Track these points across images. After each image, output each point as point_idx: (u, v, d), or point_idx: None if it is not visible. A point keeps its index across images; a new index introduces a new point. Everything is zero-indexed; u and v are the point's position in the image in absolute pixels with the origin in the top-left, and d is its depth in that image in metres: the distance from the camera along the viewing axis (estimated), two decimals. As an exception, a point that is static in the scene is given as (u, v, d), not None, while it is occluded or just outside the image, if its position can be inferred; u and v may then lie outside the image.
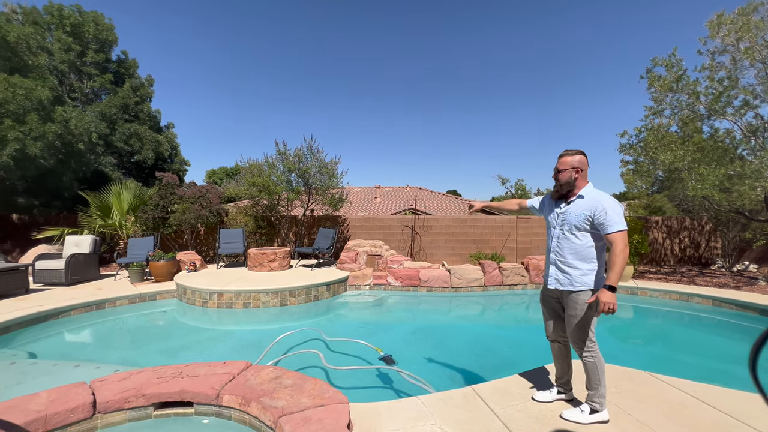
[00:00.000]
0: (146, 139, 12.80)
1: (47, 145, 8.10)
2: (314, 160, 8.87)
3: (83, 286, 6.68)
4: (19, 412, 2.16)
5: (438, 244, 10.02)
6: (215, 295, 5.94)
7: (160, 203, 9.04)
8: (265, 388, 2.50)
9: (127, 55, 13.81)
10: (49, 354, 4.43)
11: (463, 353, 4.79)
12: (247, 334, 5.47)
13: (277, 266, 7.43)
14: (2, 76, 7.76)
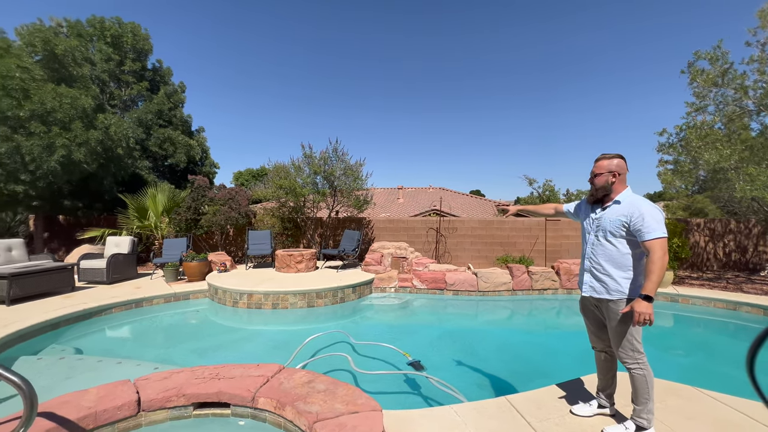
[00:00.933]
0: (179, 144, 13.33)
1: (90, 151, 8.57)
2: (339, 163, 8.95)
3: (122, 285, 7.03)
4: (72, 407, 2.28)
5: (464, 247, 9.87)
6: (245, 295, 6.09)
7: (192, 205, 9.39)
8: (299, 392, 2.52)
9: (161, 63, 14.44)
10: (93, 350, 4.68)
11: (492, 360, 4.69)
12: (275, 334, 5.58)
13: (304, 267, 7.54)
14: (51, 86, 8.29)
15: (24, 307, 5.36)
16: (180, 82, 15.08)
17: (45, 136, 7.87)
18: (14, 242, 7.06)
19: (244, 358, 4.71)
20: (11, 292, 5.43)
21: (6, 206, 8.69)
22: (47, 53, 8.87)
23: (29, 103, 7.78)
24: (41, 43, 8.70)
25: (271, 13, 55.10)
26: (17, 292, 5.52)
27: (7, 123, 7.65)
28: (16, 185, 7.87)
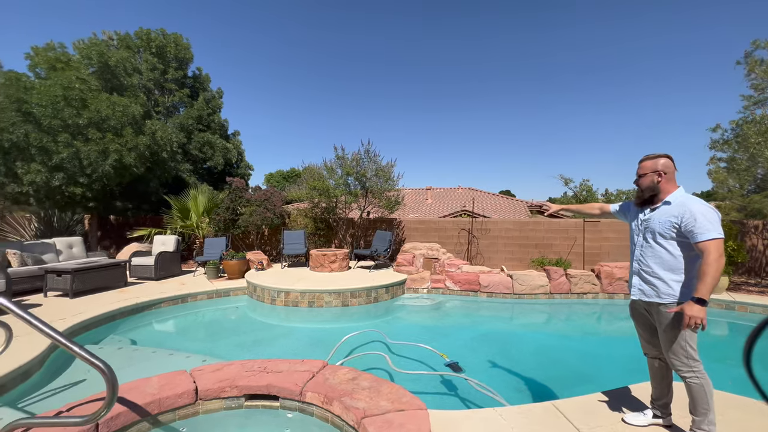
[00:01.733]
0: (217, 147, 13.93)
1: (139, 155, 9.15)
2: (371, 164, 9.04)
3: (168, 281, 7.44)
4: (139, 393, 2.46)
5: (496, 248, 9.68)
6: (282, 293, 6.29)
7: (230, 206, 9.80)
8: (345, 388, 2.59)
9: (201, 70, 15.16)
10: (146, 341, 4.99)
11: (530, 363, 4.59)
12: (312, 331, 5.71)
13: (337, 267, 7.68)
14: (105, 95, 8.93)
15: (85, 300, 5.81)
16: (218, 88, 15.76)
17: (100, 142, 8.48)
18: (74, 240, 7.67)
19: (284, 354, 4.87)
20: (74, 286, 5.90)
21: (66, 207, 9.43)
22: (101, 65, 9.56)
23: (87, 111, 8.42)
24: (97, 56, 9.39)
25: (297, 20, 56.35)
26: (79, 285, 5.99)
27: (68, 130, 8.30)
28: (76, 188, 8.53)
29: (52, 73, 8.70)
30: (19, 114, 7.96)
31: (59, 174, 8.28)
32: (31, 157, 8.10)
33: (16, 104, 7.94)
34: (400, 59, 70.98)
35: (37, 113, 8.01)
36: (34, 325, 1.74)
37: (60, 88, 8.18)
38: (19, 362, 3.35)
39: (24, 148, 8.05)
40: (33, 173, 8.03)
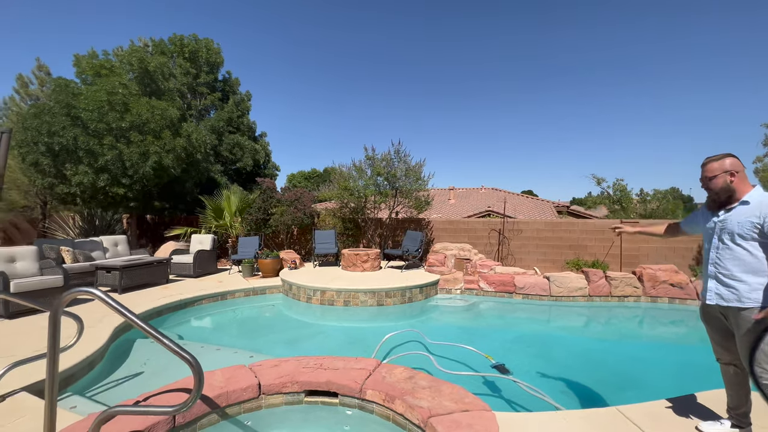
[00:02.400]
0: (246, 149, 14.29)
1: (176, 157, 9.48)
2: (401, 164, 9.04)
3: (206, 279, 7.67)
4: (208, 386, 2.54)
5: (528, 249, 9.50)
6: (319, 292, 6.37)
7: (262, 206, 10.01)
8: (404, 387, 2.59)
9: (230, 74, 15.58)
10: (192, 336, 5.17)
11: (573, 366, 4.48)
12: (349, 330, 5.76)
13: (369, 267, 7.72)
14: (145, 99, 9.30)
15: (132, 295, 6.07)
16: (246, 91, 16.16)
17: (141, 144, 8.84)
18: (119, 238, 8.01)
19: (324, 352, 4.92)
20: (122, 282, 6.17)
21: (109, 206, 9.87)
22: (141, 70, 9.96)
23: (129, 115, 8.79)
24: (137, 62, 9.79)
25: (302, 20, 56.76)
26: (126, 282, 6.25)
27: (112, 133, 8.69)
28: (119, 188, 8.92)
29: (97, 80, 9.14)
30: (68, 118, 8.39)
31: (104, 175, 8.68)
32: (79, 160, 8.53)
33: (66, 109, 8.38)
34: (418, 59, 70.46)
35: (85, 117, 8.43)
36: (128, 317, 1.82)
37: (105, 93, 8.58)
38: (85, 353, 3.53)
39: (72, 150, 8.48)
40: (81, 174, 8.45)
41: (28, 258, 5.37)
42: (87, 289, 1.84)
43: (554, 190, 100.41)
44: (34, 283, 4.94)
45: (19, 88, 11.70)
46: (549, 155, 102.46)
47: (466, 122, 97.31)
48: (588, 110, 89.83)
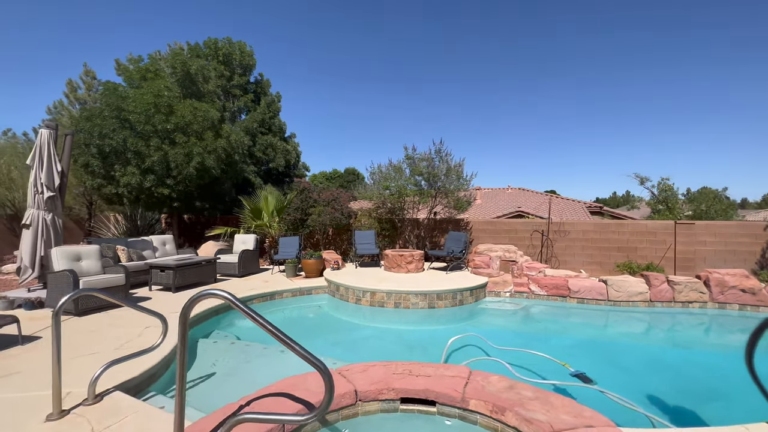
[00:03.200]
0: (278, 149, 14.41)
1: (217, 158, 9.62)
2: (442, 164, 8.88)
3: (251, 278, 7.72)
4: (306, 391, 2.47)
5: (573, 251, 9.16)
6: (368, 293, 6.28)
7: (300, 206, 10.04)
8: (509, 397, 2.45)
9: (262, 76, 15.76)
10: (250, 336, 5.14)
11: (645, 375, 4.26)
12: (404, 333, 5.65)
13: (414, 268, 7.59)
14: (188, 101, 9.47)
15: (185, 294, 6.14)
16: (276, 93, 16.31)
17: (185, 146, 9.00)
18: (167, 238, 8.17)
19: (382, 355, 4.81)
20: (176, 281, 6.26)
21: (154, 206, 10.12)
22: (183, 73, 10.15)
23: (174, 117, 8.96)
24: (180, 65, 9.99)
25: (340, 29, 56.96)
26: (179, 281, 6.34)
27: (158, 135, 8.88)
28: (164, 189, 9.11)
29: (143, 83, 9.37)
30: (118, 121, 8.62)
31: (150, 176, 8.88)
32: (127, 161, 8.76)
33: (116, 112, 8.62)
34: (442, 58, 69.51)
35: (133, 120, 8.64)
36: (261, 323, 1.75)
37: (152, 96, 8.78)
38: (163, 352, 3.54)
39: (121, 152, 8.72)
40: (129, 176, 8.67)
41: (92, 257, 5.49)
42: (216, 292, 1.79)
43: (576, 190, 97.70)
44: (100, 281, 5.05)
45: (69, 92, 12.19)
46: (568, 155, 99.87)
47: (484, 122, 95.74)
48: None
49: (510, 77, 75.83)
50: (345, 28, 53.76)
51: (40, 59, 35.09)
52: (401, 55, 65.56)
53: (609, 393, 3.39)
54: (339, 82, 79.16)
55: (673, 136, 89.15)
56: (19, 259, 5.52)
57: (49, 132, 5.73)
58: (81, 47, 34.49)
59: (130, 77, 9.57)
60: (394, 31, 53.18)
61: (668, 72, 69.94)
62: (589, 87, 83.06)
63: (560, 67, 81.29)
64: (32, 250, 5.48)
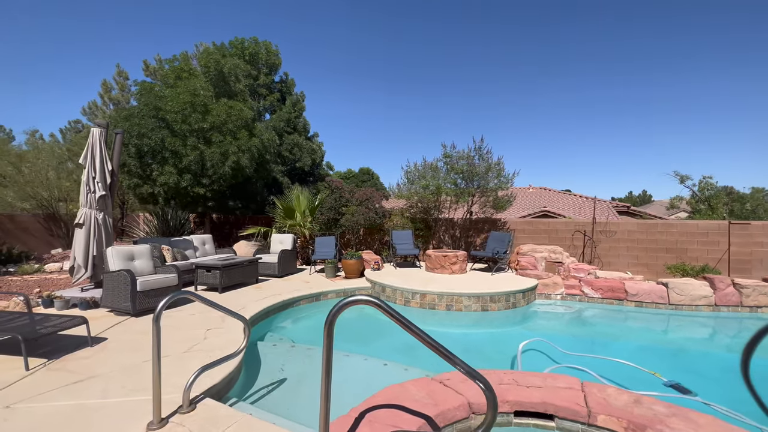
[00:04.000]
0: (304, 148, 14.35)
1: (251, 157, 9.56)
2: (482, 161, 8.65)
3: (291, 279, 7.61)
4: (412, 401, 2.30)
5: (618, 252, 8.83)
6: (418, 295, 6.10)
7: (334, 206, 9.92)
8: (643, 413, 2.24)
9: (287, 75, 15.72)
10: (305, 339, 5.01)
11: (728, 383, 3.97)
12: (459, 337, 5.46)
13: (458, 269, 7.39)
14: (223, 100, 9.44)
15: (233, 295, 6.05)
16: (300, 92, 16.27)
17: (221, 145, 8.96)
18: (206, 237, 8.12)
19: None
20: (222, 281, 6.17)
21: (188, 206, 10.12)
22: (216, 72, 10.13)
23: (210, 116, 8.92)
24: (214, 64, 9.97)
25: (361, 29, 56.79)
26: (226, 281, 6.25)
27: (194, 134, 8.86)
28: (199, 188, 9.08)
29: (178, 83, 9.36)
30: (155, 120, 8.62)
31: (187, 175, 8.86)
32: (164, 160, 8.75)
33: (154, 111, 8.61)
34: (464, 60, 68.28)
35: (170, 119, 8.63)
36: (419, 335, 1.59)
37: (188, 95, 8.75)
38: (238, 357, 3.41)
39: (159, 151, 8.71)
40: (166, 175, 8.66)
41: (144, 256, 5.44)
42: (370, 299, 1.63)
43: (589, 189, 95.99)
44: (155, 281, 4.97)
45: (103, 93, 12.33)
46: (583, 152, 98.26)
47: (485, 123, 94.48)
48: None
49: (510, 78, 74.57)
50: (353, 27, 53.50)
51: (57, 60, 35.78)
52: (402, 56, 64.94)
53: (716, 405, 3.15)
54: (348, 80, 78.95)
55: (703, 136, 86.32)
56: (72, 258, 5.50)
57: (101, 131, 5.70)
58: (102, 49, 35.07)
59: (165, 77, 9.57)
60: (395, 31, 52.68)
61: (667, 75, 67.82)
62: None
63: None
64: (85, 250, 5.45)
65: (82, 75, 37.80)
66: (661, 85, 68.23)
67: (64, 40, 33.75)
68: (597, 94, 74.79)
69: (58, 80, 39.90)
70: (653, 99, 73.91)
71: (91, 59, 35.81)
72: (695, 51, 47.63)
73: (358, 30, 52.64)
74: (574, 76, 65.38)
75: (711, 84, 59.10)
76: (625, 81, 65.29)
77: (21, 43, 31.24)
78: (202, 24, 34.38)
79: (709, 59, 47.23)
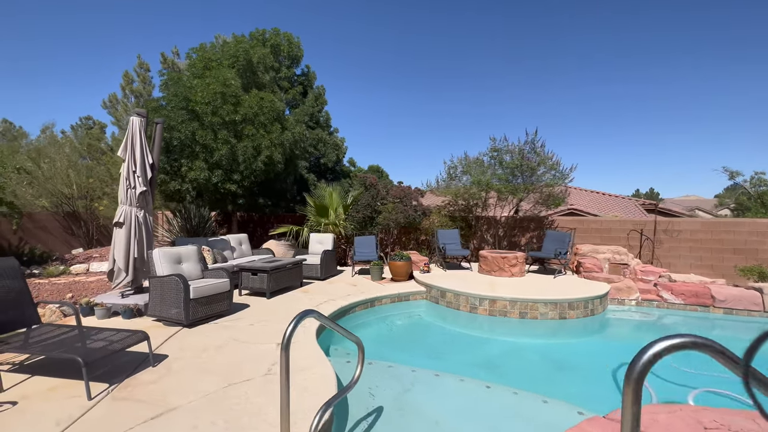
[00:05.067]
0: (328, 144, 13.79)
1: (283, 152, 9.00)
2: (535, 156, 8.07)
3: (334, 282, 7.07)
4: None
5: (679, 252, 8.24)
6: (486, 301, 5.55)
7: (370, 203, 9.36)
8: None
9: (309, 68, 15.13)
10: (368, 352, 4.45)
11: None
12: (542, 349, 4.90)
13: (517, 271, 6.82)
14: (254, 92, 8.88)
15: (282, 300, 5.52)
16: (320, 85, 15.70)
17: (254, 138, 8.40)
18: (242, 237, 7.59)
19: (536, 377, 4.10)
20: (270, 285, 5.64)
21: (217, 203, 9.59)
22: (246, 62, 9.57)
23: (242, 108, 8.37)
24: (243, 53, 9.41)
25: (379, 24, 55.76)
26: (273, 285, 5.72)
27: (225, 127, 8.31)
28: (230, 184, 8.54)
29: (207, 72, 8.80)
30: (186, 112, 8.08)
31: (218, 171, 8.32)
32: (195, 155, 8.21)
33: (184, 102, 8.07)
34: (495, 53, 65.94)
35: (199, 111, 8.08)
36: None
37: (219, 85, 8.21)
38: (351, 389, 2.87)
39: (188, 145, 8.18)
40: (197, 170, 8.12)
41: (191, 259, 4.91)
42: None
43: (607, 186, 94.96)
44: (208, 287, 4.43)
45: (125, 85, 11.78)
46: (585, 151, 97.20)
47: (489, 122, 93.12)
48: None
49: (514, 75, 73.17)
50: (365, 20, 52.36)
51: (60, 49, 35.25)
52: (413, 49, 63.70)
53: None
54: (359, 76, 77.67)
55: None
56: (111, 261, 4.97)
57: (140, 120, 5.16)
58: (110, 45, 34.56)
59: (193, 66, 9.01)
60: (404, 24, 51.45)
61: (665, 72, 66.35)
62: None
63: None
64: (126, 251, 4.92)
65: (89, 71, 37.37)
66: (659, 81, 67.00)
67: (65, 37, 33.28)
68: (597, 90, 73.68)
69: (60, 76, 39.47)
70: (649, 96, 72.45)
71: (97, 55, 35.33)
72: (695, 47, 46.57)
73: (374, 23, 51.64)
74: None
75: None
76: (623, 77, 64.42)
77: (23, 40, 30.79)
78: (213, 16, 33.83)
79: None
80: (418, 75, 67.26)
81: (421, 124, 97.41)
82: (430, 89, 75.07)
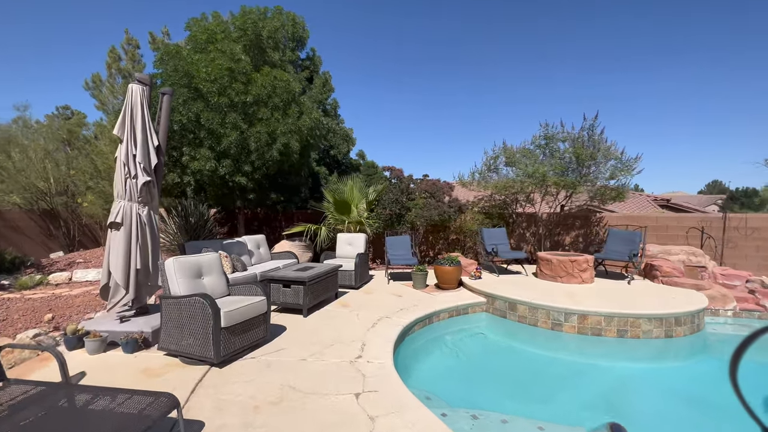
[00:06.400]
0: (338, 134, 12.63)
1: (300, 139, 7.83)
2: (593, 144, 7.12)
3: (371, 291, 6.01)
4: None
5: (743, 252, 7.45)
6: (575, 316, 4.56)
7: (399, 198, 8.30)
8: None
9: (314, 51, 13.87)
10: (450, 395, 3.38)
11: None
12: (659, 377, 3.94)
13: (588, 277, 5.88)
14: (267, 69, 7.67)
15: (323, 322, 4.42)
16: (327, 71, 14.46)
17: (268, 123, 7.22)
18: (260, 239, 6.45)
19: (688, 427, 3.15)
20: (307, 301, 4.52)
21: (223, 199, 8.37)
22: (255, 36, 8.33)
23: (254, 87, 7.16)
24: (252, 26, 8.17)
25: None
26: (310, 300, 4.61)
27: (235, 110, 7.10)
28: (240, 177, 7.34)
29: (211, 46, 7.53)
30: (188, 91, 6.84)
31: (226, 161, 7.11)
32: (199, 142, 6.98)
33: (186, 79, 6.82)
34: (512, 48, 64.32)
35: (204, 90, 6.85)
36: None
37: (227, 60, 6.98)
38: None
39: (191, 130, 6.94)
40: (202, 160, 6.89)
41: (214, 270, 3.75)
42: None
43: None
44: (243, 310, 3.29)
45: (111, 62, 10.28)
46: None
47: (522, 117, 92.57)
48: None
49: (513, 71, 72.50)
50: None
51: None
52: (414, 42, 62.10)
53: None
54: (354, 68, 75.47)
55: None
56: (106, 274, 3.77)
57: (143, 89, 3.96)
58: (98, 17, 32.04)
59: (195, 38, 7.70)
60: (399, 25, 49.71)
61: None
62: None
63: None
64: (125, 261, 3.73)
65: (66, 59, 34.82)
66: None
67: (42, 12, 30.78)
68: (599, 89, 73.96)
69: (35, 63, 36.68)
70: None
71: (74, 33, 32.85)
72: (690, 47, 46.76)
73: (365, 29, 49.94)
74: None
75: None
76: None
77: (-2, 22, 28.23)
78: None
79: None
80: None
81: (422, 117, 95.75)
82: (430, 81, 73.80)
